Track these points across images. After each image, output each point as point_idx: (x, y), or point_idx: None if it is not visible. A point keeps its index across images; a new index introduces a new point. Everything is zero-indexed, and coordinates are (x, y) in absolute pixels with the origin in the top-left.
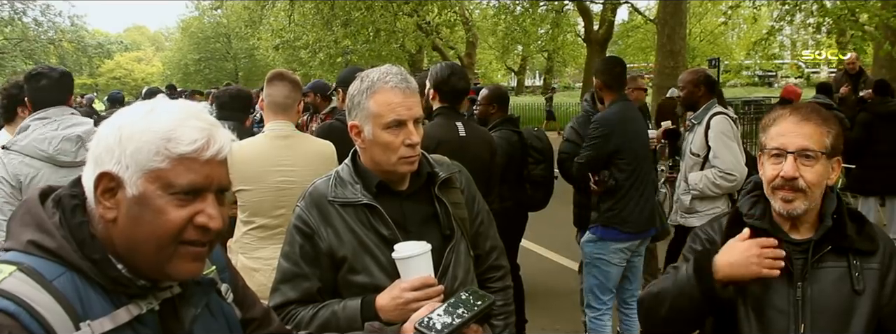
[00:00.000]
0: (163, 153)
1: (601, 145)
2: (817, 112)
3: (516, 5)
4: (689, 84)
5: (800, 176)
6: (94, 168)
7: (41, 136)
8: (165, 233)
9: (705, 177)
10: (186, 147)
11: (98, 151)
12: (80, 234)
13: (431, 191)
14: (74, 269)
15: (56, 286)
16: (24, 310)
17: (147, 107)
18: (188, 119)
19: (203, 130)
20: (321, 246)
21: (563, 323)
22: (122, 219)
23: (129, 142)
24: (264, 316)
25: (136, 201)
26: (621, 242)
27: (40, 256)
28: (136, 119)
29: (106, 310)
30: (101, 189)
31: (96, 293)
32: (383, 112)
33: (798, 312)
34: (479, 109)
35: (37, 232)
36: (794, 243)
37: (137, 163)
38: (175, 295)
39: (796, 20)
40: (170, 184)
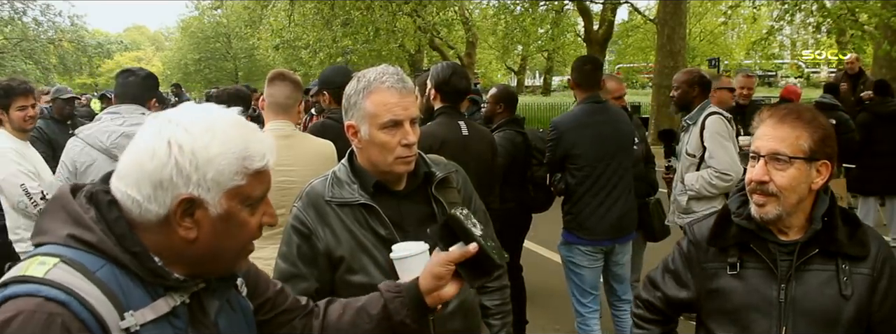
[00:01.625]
0: (242, 172)
1: (552, 148)
2: (797, 114)
3: (516, 5)
4: (683, 84)
5: (770, 180)
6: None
7: (104, 129)
8: (247, 241)
9: (701, 177)
10: (259, 163)
11: (164, 175)
12: (118, 228)
13: (428, 190)
14: (114, 262)
15: (99, 276)
16: (74, 299)
17: (203, 125)
18: (250, 134)
19: (264, 142)
20: (318, 246)
21: (563, 323)
22: (203, 237)
23: (208, 166)
24: (277, 294)
25: (222, 219)
26: (586, 246)
27: (80, 249)
28: (202, 140)
29: (145, 302)
30: (181, 212)
31: (135, 285)
32: (380, 112)
33: (780, 314)
34: (487, 108)
35: (75, 226)
36: (781, 244)
37: (219, 185)
38: (200, 289)
39: (796, 20)
40: (248, 198)
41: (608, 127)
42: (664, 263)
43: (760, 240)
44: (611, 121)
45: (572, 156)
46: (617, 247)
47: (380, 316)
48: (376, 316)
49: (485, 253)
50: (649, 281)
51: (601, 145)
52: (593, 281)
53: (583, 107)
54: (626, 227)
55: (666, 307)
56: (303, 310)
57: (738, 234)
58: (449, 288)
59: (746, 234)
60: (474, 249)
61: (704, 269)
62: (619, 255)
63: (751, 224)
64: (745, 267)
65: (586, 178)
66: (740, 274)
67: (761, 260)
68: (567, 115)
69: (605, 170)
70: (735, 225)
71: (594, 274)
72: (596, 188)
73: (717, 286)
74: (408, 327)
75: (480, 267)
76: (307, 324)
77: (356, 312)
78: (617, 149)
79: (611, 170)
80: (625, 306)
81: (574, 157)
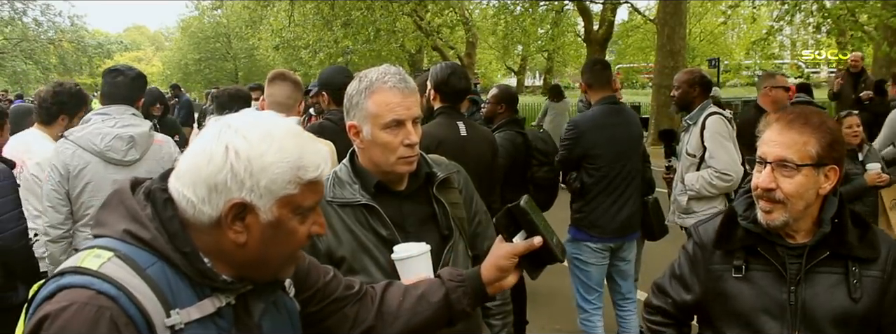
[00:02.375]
0: (295, 181)
1: (570, 147)
2: (805, 119)
3: (516, 5)
4: (683, 84)
5: (777, 187)
6: (209, 192)
7: (96, 131)
8: (295, 249)
9: (702, 177)
10: (313, 173)
11: (219, 179)
12: (172, 227)
13: (429, 191)
14: (165, 260)
15: (150, 273)
16: (123, 294)
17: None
18: (306, 143)
19: (321, 154)
20: (319, 246)
21: (563, 323)
22: (253, 242)
23: (262, 173)
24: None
25: (271, 225)
26: (594, 243)
27: (134, 245)
28: (259, 148)
29: (191, 301)
30: (232, 216)
31: (184, 284)
32: (382, 112)
33: (791, 317)
34: (487, 108)
35: (132, 222)
36: (789, 247)
37: (272, 193)
38: (247, 291)
39: (796, 20)
40: (299, 207)
41: (624, 128)
42: (671, 269)
43: (768, 243)
44: (626, 123)
45: (591, 156)
46: (624, 244)
47: (440, 304)
48: (437, 304)
49: (548, 247)
50: (658, 289)
51: (617, 146)
52: (599, 279)
53: (601, 108)
54: (632, 227)
55: (678, 311)
56: (354, 297)
57: (745, 237)
58: (510, 279)
59: (753, 237)
60: (539, 243)
61: (711, 271)
62: (625, 252)
63: (758, 227)
64: (752, 270)
65: (603, 178)
66: (747, 276)
67: (769, 263)
68: (586, 115)
69: (620, 171)
70: (741, 227)
71: (600, 271)
72: (610, 188)
73: (725, 288)
74: (467, 314)
75: (541, 259)
76: (360, 311)
77: (417, 300)
78: (630, 151)
79: (625, 170)
80: (628, 305)
81: (593, 157)
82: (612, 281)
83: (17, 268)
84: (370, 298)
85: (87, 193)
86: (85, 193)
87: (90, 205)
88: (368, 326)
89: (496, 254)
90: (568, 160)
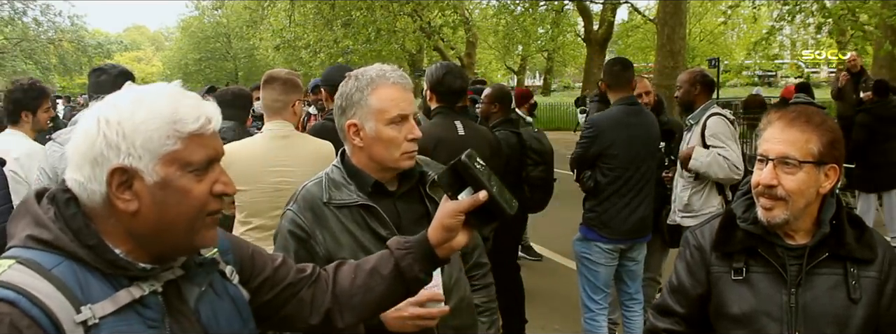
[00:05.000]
0: (174, 135)
1: (587, 145)
2: (807, 118)
3: (516, 5)
4: (685, 84)
5: (779, 184)
6: (92, 168)
7: None
8: (194, 210)
9: (714, 153)
10: (193, 125)
11: (96, 151)
12: (75, 224)
13: (422, 190)
14: (72, 258)
15: (55, 274)
16: (23, 297)
17: (131, 97)
18: (181, 98)
19: (200, 107)
20: (317, 250)
21: (563, 323)
22: (145, 208)
23: (134, 134)
24: (275, 271)
25: (159, 186)
26: (605, 243)
27: (39, 249)
28: (128, 110)
29: (107, 294)
30: (116, 184)
31: (96, 279)
32: (387, 107)
33: (791, 319)
34: (481, 108)
35: (34, 227)
36: (789, 248)
37: (151, 151)
38: (177, 277)
39: (796, 20)
40: (187, 163)
41: (642, 130)
42: (667, 286)
43: (768, 245)
44: (644, 125)
45: (607, 156)
46: (634, 244)
47: (392, 275)
48: (389, 276)
49: (495, 200)
50: (659, 311)
51: (635, 147)
52: (606, 279)
53: (620, 107)
54: (644, 229)
55: (687, 327)
56: (308, 280)
57: (745, 239)
58: (460, 238)
59: (753, 239)
60: (484, 197)
61: (710, 273)
62: (635, 252)
63: (757, 228)
64: (752, 272)
65: (618, 179)
66: (747, 278)
67: (769, 265)
68: (606, 114)
69: (635, 173)
70: (741, 229)
71: (609, 271)
72: (625, 189)
73: (724, 290)
74: (421, 282)
75: (490, 214)
76: (316, 293)
77: (368, 274)
78: (647, 153)
79: (640, 172)
80: (636, 306)
81: (609, 157)
82: (621, 281)
83: None
84: (324, 280)
85: None
86: None
87: None
88: (326, 308)
89: (441, 213)
90: (583, 158)
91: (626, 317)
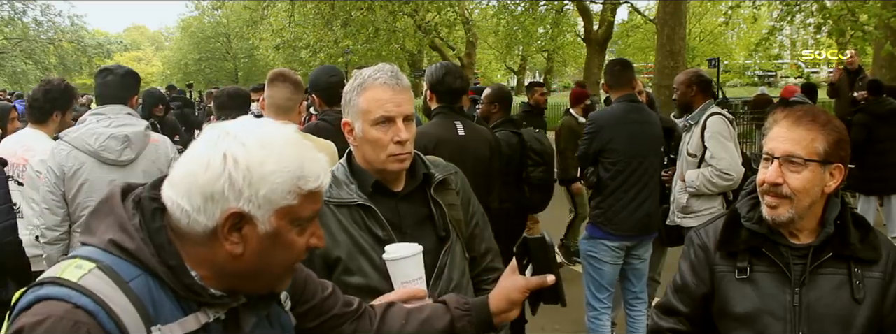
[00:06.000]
0: (295, 192)
1: (589, 142)
2: (812, 117)
3: (516, 5)
4: (681, 85)
5: (784, 182)
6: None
7: (91, 131)
8: (292, 262)
9: (702, 174)
10: (314, 183)
11: (216, 188)
12: (158, 239)
13: (427, 192)
14: (150, 272)
15: (132, 287)
16: (102, 309)
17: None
18: (307, 152)
19: (321, 163)
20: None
21: (563, 323)
22: (249, 253)
23: (261, 183)
24: (324, 300)
25: (269, 237)
26: (611, 241)
27: (119, 256)
28: (258, 156)
29: (176, 316)
30: (229, 226)
31: (168, 298)
32: (372, 108)
33: (795, 318)
34: (482, 108)
35: (118, 231)
36: (794, 248)
37: (271, 203)
38: (240, 305)
39: (796, 20)
40: (298, 218)
41: (643, 126)
42: (671, 286)
43: (772, 244)
44: (645, 122)
45: (608, 151)
46: (640, 242)
47: (445, 331)
48: (441, 331)
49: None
50: (662, 310)
51: (636, 143)
52: (611, 278)
53: (621, 104)
54: (651, 226)
55: (691, 326)
56: (353, 315)
57: (749, 238)
58: (515, 311)
59: (758, 238)
60: (552, 281)
61: (714, 272)
62: (641, 250)
63: (762, 227)
64: (756, 271)
65: (620, 173)
66: (751, 278)
67: (773, 265)
68: (606, 111)
69: (637, 168)
70: (745, 229)
71: (614, 270)
72: (628, 184)
73: (728, 289)
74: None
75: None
76: (358, 329)
77: (420, 324)
78: (649, 150)
79: (643, 168)
80: (640, 305)
81: (609, 151)
82: (626, 280)
83: (8, 265)
84: (368, 318)
85: (83, 194)
86: (81, 194)
87: (86, 206)
88: None
89: (509, 287)
90: (586, 155)
91: (629, 317)
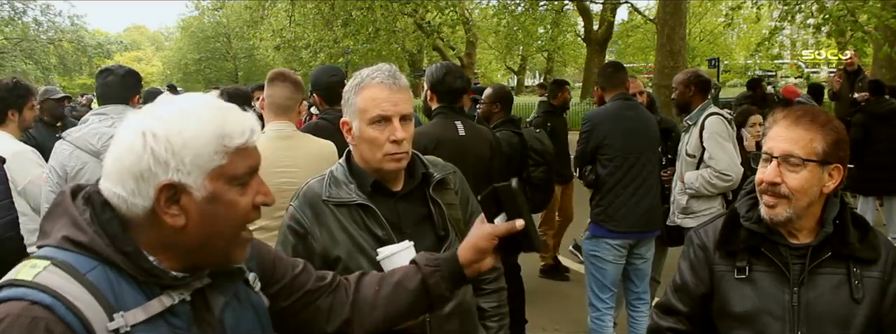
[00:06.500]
0: (221, 150)
1: (585, 140)
2: (812, 116)
3: (516, 5)
4: (679, 85)
5: (783, 182)
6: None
7: (93, 131)
8: (239, 222)
9: (701, 176)
10: (239, 139)
11: (142, 166)
12: (111, 229)
13: (426, 191)
14: (107, 262)
15: (89, 278)
16: (59, 302)
17: (176, 110)
18: (226, 112)
19: (244, 119)
20: (314, 246)
21: (563, 323)
22: (192, 223)
23: (184, 150)
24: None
25: (208, 201)
26: (613, 239)
27: (74, 251)
28: (176, 124)
29: (139, 302)
30: (165, 199)
31: (129, 285)
32: (368, 107)
33: (794, 318)
34: (482, 108)
35: (70, 227)
36: (793, 247)
37: (200, 168)
38: (205, 285)
39: (796, 20)
40: (233, 177)
41: (638, 123)
42: (671, 285)
43: (771, 244)
44: (641, 119)
45: (604, 147)
46: (642, 240)
47: (418, 290)
48: (414, 291)
49: (529, 231)
50: (662, 310)
51: (632, 139)
52: (614, 277)
53: (615, 102)
54: (653, 222)
55: (691, 326)
56: (327, 289)
57: (748, 238)
58: (487, 261)
59: (756, 238)
60: (521, 226)
61: (713, 272)
62: (643, 249)
63: (761, 227)
64: (755, 271)
65: (617, 169)
66: (750, 277)
67: (772, 264)
68: (600, 109)
69: (635, 164)
70: (744, 228)
71: (616, 269)
72: (626, 180)
73: (727, 289)
74: (447, 299)
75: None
76: (334, 302)
77: (393, 288)
78: (645, 147)
79: (640, 164)
80: (642, 306)
81: (606, 148)
82: (628, 280)
83: (10, 260)
84: (344, 289)
85: None
86: None
87: None
88: (345, 318)
89: (476, 235)
90: (584, 153)
91: (631, 317)
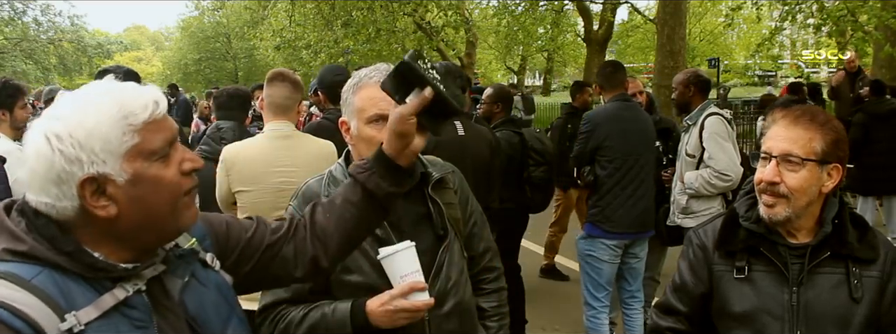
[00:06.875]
0: (129, 130)
1: (585, 141)
2: (811, 116)
3: (516, 5)
4: (679, 85)
5: (781, 181)
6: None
7: None
8: (172, 194)
9: (701, 176)
10: (144, 114)
11: (56, 169)
12: (48, 233)
13: (425, 191)
14: (51, 266)
15: (35, 283)
16: (4, 310)
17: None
18: (124, 91)
19: (143, 94)
20: None
21: (562, 323)
22: (125, 208)
23: (91, 141)
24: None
25: (132, 183)
26: (609, 239)
27: (16, 261)
28: (75, 119)
29: (90, 299)
30: (90, 193)
31: (78, 285)
32: (366, 106)
33: (793, 318)
34: (483, 108)
35: (9, 240)
36: (792, 247)
37: (112, 153)
38: (160, 273)
39: (797, 20)
40: (151, 152)
41: (637, 123)
42: (670, 285)
43: (770, 243)
44: (639, 120)
45: (603, 148)
46: (636, 240)
47: (363, 199)
48: (360, 201)
49: (441, 96)
50: (661, 310)
51: (631, 140)
52: (610, 277)
53: (615, 103)
54: (648, 222)
55: (690, 326)
56: (285, 237)
57: (747, 238)
58: (417, 141)
59: (755, 238)
60: (430, 94)
61: (712, 271)
62: (638, 248)
63: (760, 227)
64: (754, 271)
65: (616, 170)
66: (749, 277)
67: (771, 264)
68: (600, 110)
69: (633, 165)
70: (743, 228)
71: (612, 269)
72: (625, 181)
73: (726, 289)
74: (395, 194)
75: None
76: (297, 246)
77: (340, 207)
78: (644, 148)
79: (639, 165)
80: (636, 304)
81: (605, 149)
82: (622, 279)
83: None
84: (302, 228)
85: None
86: None
87: None
88: (310, 256)
89: (392, 121)
90: (583, 154)
91: (626, 315)
